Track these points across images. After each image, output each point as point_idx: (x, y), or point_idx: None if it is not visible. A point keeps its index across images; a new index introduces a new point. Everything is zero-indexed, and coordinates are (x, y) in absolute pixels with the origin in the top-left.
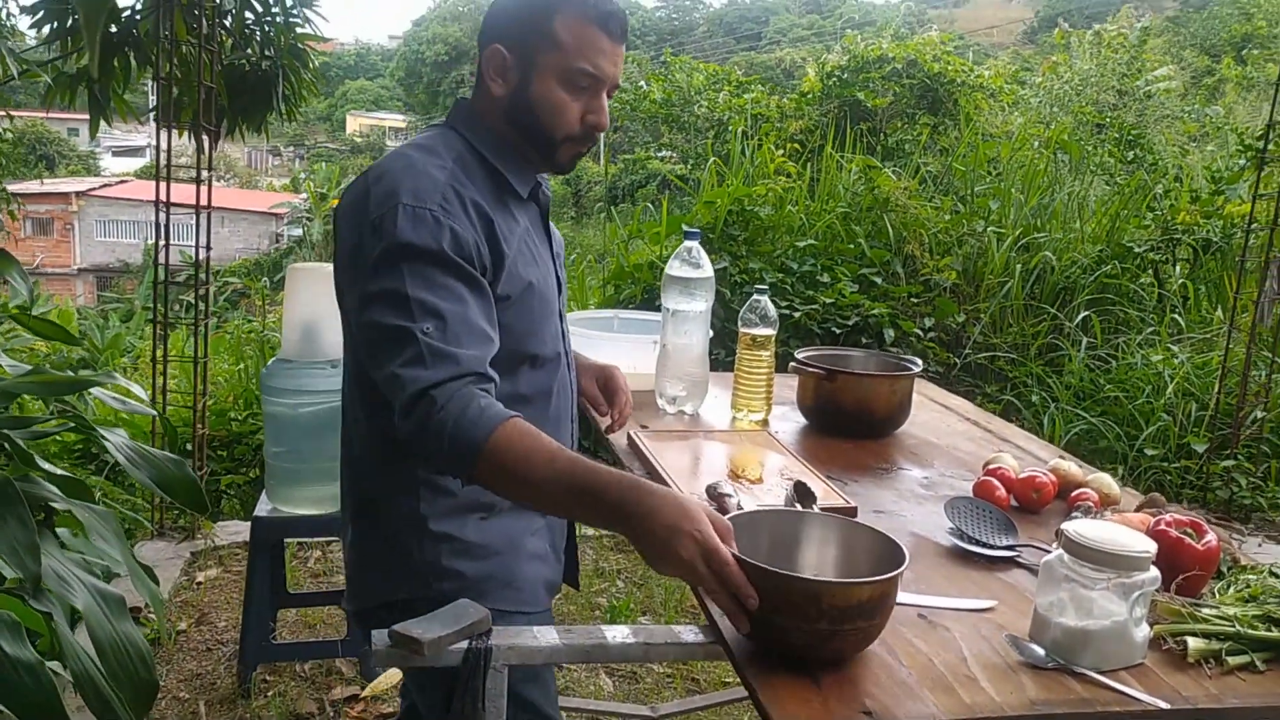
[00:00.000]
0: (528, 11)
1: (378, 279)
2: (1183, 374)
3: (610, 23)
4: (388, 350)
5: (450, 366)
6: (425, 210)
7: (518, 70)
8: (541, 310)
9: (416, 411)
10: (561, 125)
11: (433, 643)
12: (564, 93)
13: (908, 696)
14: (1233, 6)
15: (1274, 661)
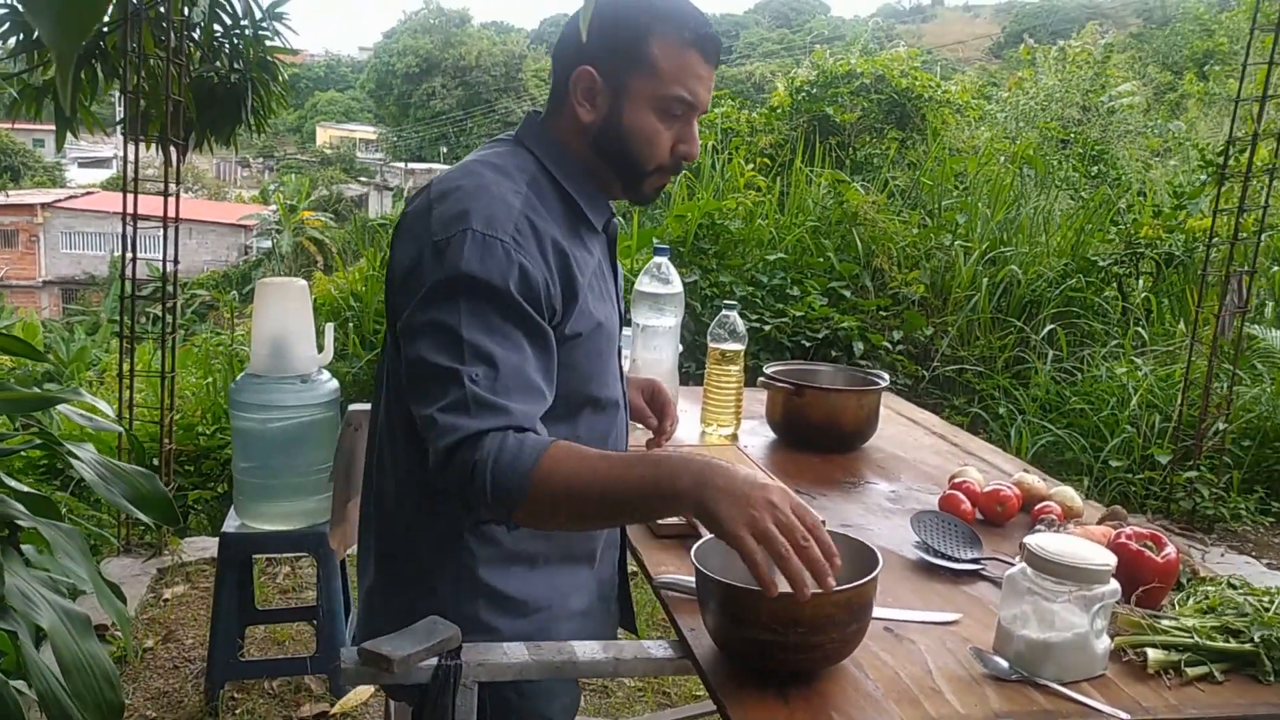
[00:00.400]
0: (622, 32)
1: (432, 309)
2: (1146, 386)
3: (707, 46)
4: (431, 391)
5: (497, 417)
6: (496, 240)
7: (609, 95)
8: (607, 350)
9: (455, 459)
10: (653, 155)
11: (402, 660)
12: (657, 121)
13: (874, 709)
14: (1194, 23)
15: (1232, 672)
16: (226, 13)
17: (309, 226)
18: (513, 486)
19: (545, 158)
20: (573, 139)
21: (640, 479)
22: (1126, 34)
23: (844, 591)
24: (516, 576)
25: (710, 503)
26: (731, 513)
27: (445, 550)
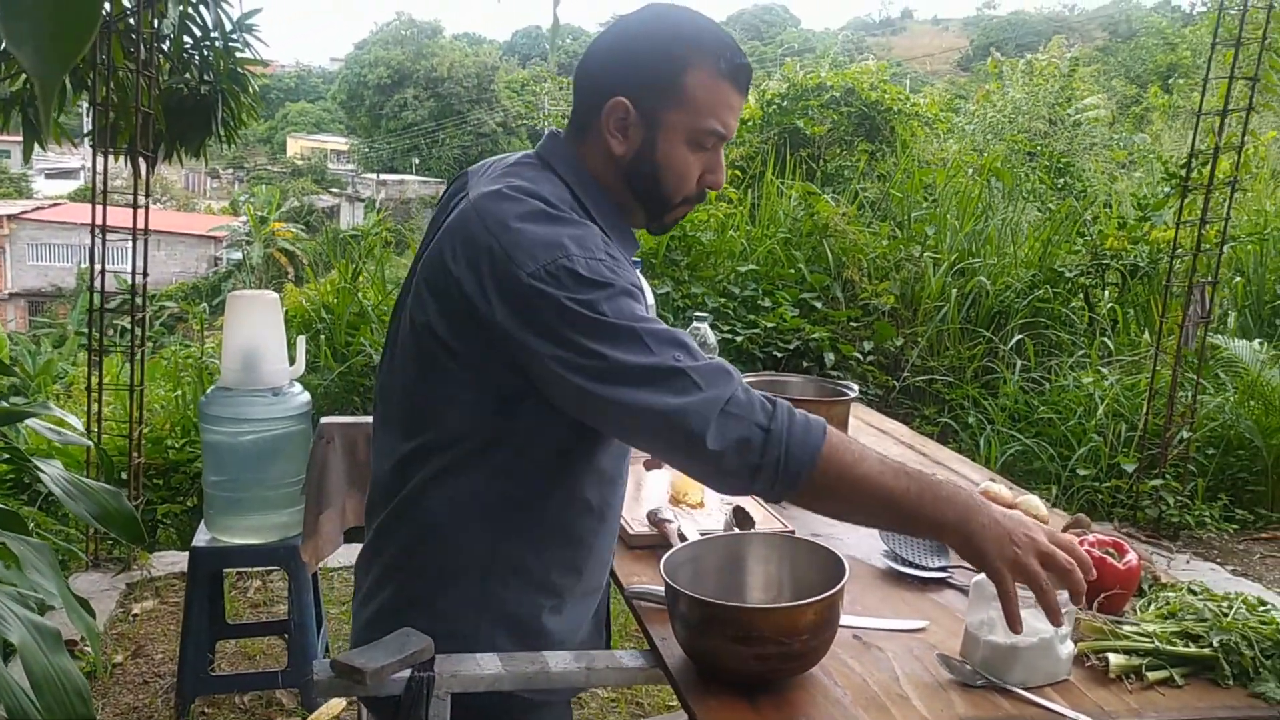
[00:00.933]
0: (658, 63)
1: (586, 328)
2: (1113, 396)
3: (740, 76)
4: (645, 390)
5: (728, 378)
6: (598, 261)
7: (642, 128)
8: None
9: (733, 422)
10: (682, 188)
11: (375, 672)
12: (689, 153)
13: (842, 716)
14: (1158, 37)
15: (1192, 676)
16: (196, 24)
17: (280, 238)
18: (804, 459)
19: (576, 186)
20: (603, 169)
21: (914, 495)
22: (1092, 48)
23: (811, 604)
24: (542, 608)
25: (976, 540)
26: (997, 550)
27: (473, 574)
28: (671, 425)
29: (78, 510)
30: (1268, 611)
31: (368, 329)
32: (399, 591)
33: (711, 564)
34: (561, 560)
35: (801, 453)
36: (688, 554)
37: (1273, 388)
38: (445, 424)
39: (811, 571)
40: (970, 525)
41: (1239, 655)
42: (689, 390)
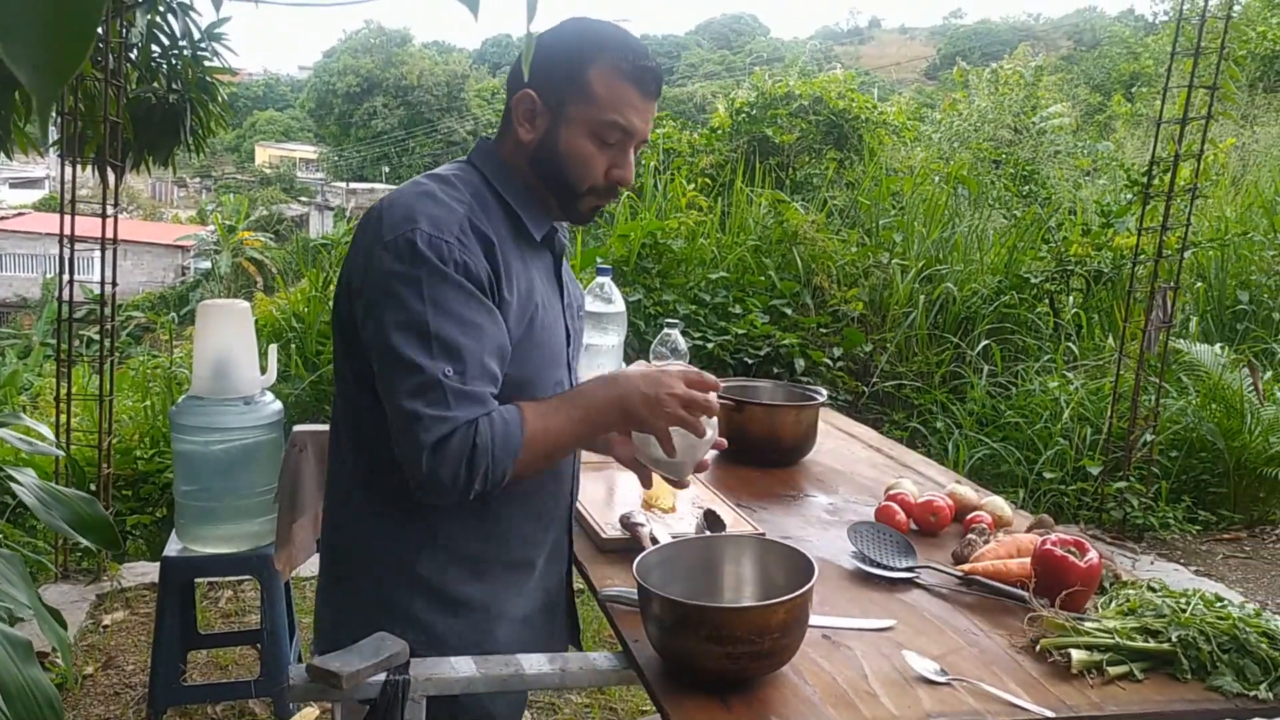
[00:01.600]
0: (563, 60)
1: (394, 300)
2: (1078, 400)
3: (645, 79)
4: (405, 383)
5: (477, 406)
6: (442, 240)
7: (547, 118)
8: (542, 360)
9: (450, 449)
10: (586, 177)
11: (351, 676)
12: (592, 145)
13: (812, 713)
14: (1121, 46)
15: (1152, 671)
16: (164, 33)
17: (248, 247)
18: (510, 457)
19: (490, 174)
20: (514, 157)
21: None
22: (1057, 56)
23: (781, 603)
24: (455, 577)
25: (638, 420)
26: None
27: (388, 547)
28: (409, 426)
29: (50, 520)
30: (1224, 608)
31: None
32: (329, 570)
33: (683, 566)
34: (467, 527)
35: (506, 458)
36: (660, 556)
37: (1234, 391)
38: (351, 398)
39: (781, 572)
40: (630, 412)
41: (1197, 650)
42: (438, 404)
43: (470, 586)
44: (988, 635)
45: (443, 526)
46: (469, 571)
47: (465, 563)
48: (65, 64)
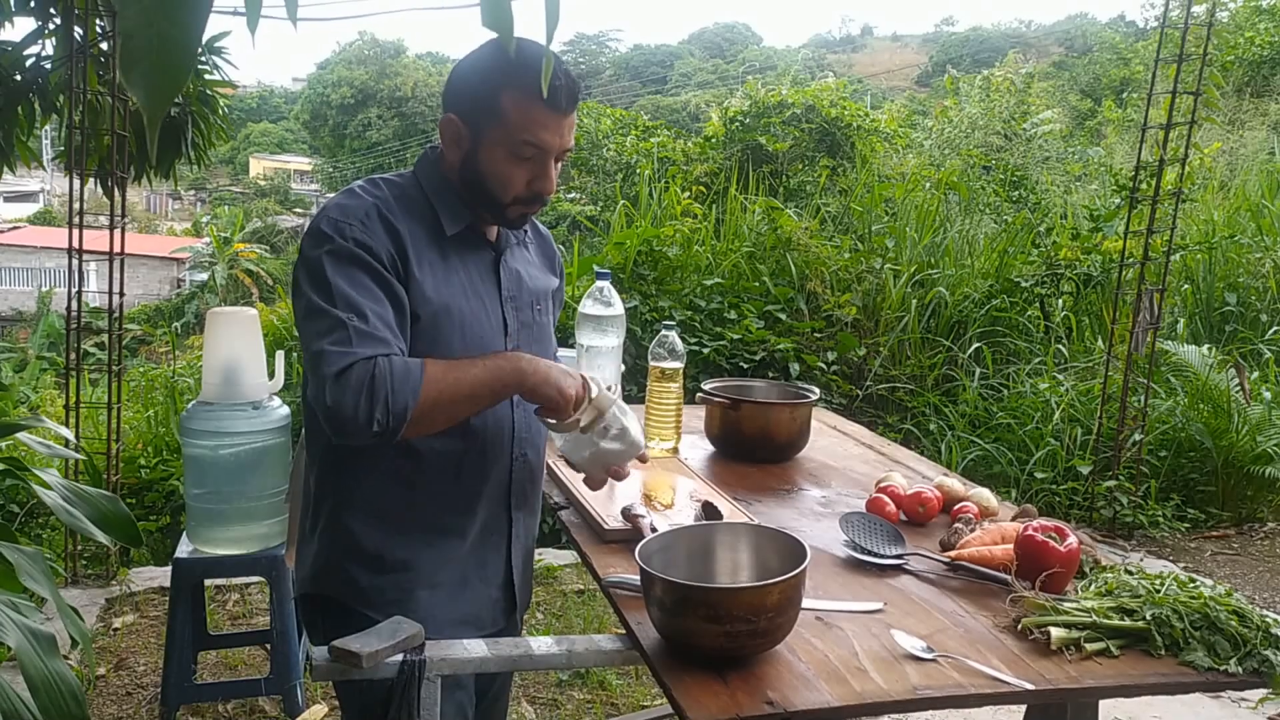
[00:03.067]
0: (478, 87)
1: (309, 269)
2: (1068, 401)
3: (555, 97)
4: (316, 329)
5: (379, 346)
6: (345, 223)
7: (469, 139)
8: (462, 341)
9: (351, 379)
10: (508, 190)
11: (370, 656)
12: (510, 162)
13: (805, 687)
14: (1111, 52)
15: (1127, 648)
16: None
17: (244, 259)
18: (409, 394)
19: (423, 178)
20: (447, 170)
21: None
22: (1048, 63)
23: (776, 584)
24: (378, 533)
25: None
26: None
27: (326, 503)
28: (316, 364)
29: (71, 520)
30: (1196, 587)
31: None
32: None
33: (682, 552)
34: (386, 488)
35: (403, 392)
36: (660, 543)
37: (1221, 391)
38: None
39: (775, 557)
40: (526, 382)
41: (1170, 627)
42: (341, 342)
43: (393, 545)
44: (973, 616)
45: (364, 484)
46: (390, 530)
47: (387, 521)
48: (168, 90)
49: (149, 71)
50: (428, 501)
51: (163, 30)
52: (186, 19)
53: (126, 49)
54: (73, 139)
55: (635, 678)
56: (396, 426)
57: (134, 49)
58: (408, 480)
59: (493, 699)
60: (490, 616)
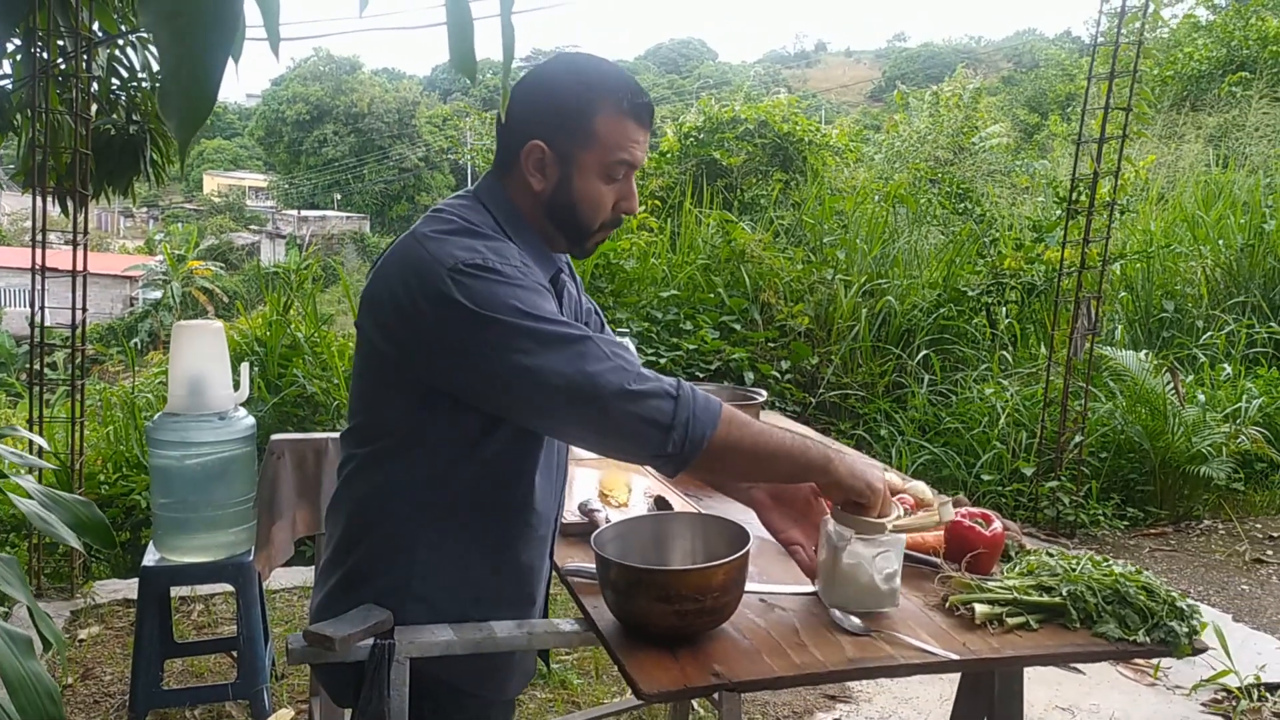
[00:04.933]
0: (568, 110)
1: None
2: (1013, 406)
3: (643, 114)
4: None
5: (632, 355)
6: (512, 265)
7: (559, 166)
8: None
9: (648, 388)
10: (598, 215)
11: (343, 640)
12: (602, 185)
13: (749, 661)
14: (1057, 68)
15: (1045, 622)
16: (124, 66)
17: (198, 276)
18: (708, 423)
19: (499, 215)
20: (525, 202)
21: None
22: (998, 78)
23: (721, 565)
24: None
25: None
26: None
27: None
28: (586, 386)
29: (46, 526)
30: (1108, 566)
31: (300, 360)
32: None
33: (635, 541)
34: (479, 561)
35: (706, 416)
36: (614, 532)
37: (1157, 395)
38: (374, 419)
39: (721, 543)
40: (850, 465)
41: (1084, 603)
42: (601, 358)
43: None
44: (906, 596)
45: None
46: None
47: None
48: (195, 119)
49: (181, 106)
50: (506, 562)
51: (190, 72)
52: (208, 65)
53: (164, 90)
54: (34, 157)
55: (595, 677)
56: (691, 453)
57: (168, 90)
58: (504, 546)
59: None
60: (531, 671)
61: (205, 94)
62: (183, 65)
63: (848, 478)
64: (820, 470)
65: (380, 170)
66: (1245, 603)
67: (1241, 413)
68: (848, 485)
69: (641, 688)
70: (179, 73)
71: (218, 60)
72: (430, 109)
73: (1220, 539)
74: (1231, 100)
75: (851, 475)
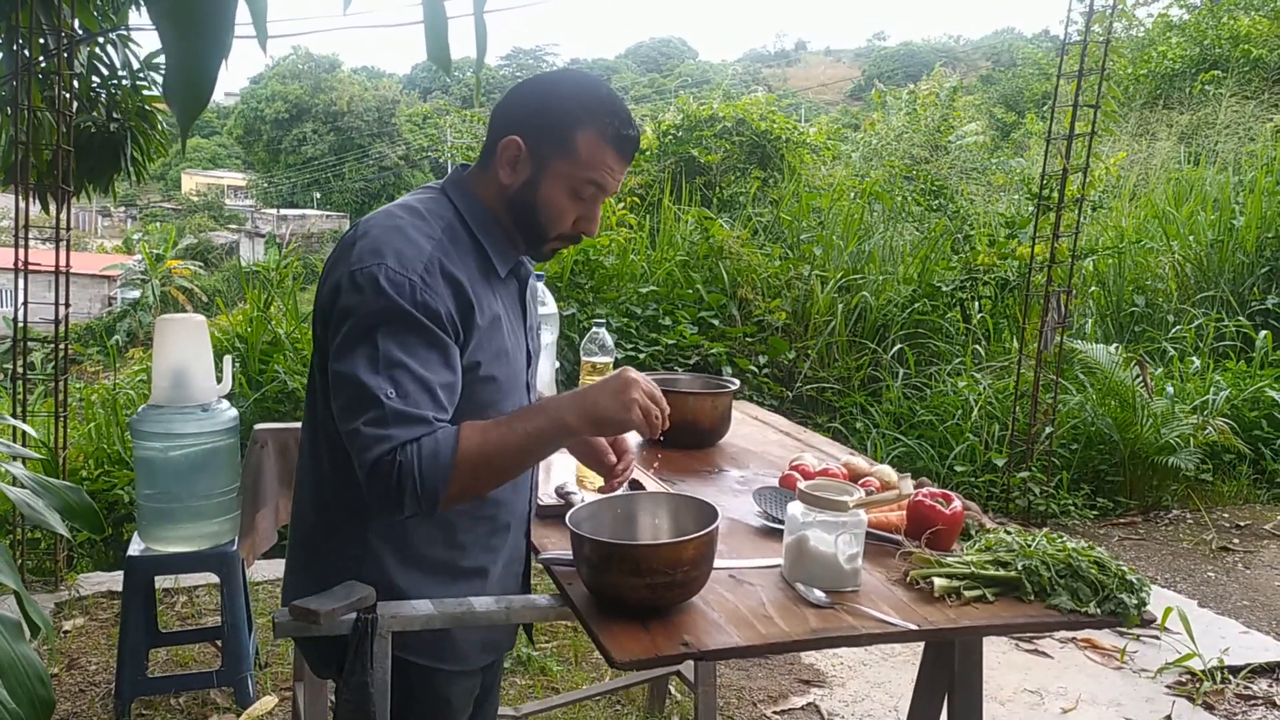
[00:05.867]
0: (553, 115)
1: (355, 335)
2: (986, 399)
3: (625, 146)
4: (354, 407)
5: (415, 427)
6: (405, 278)
7: (530, 166)
8: (508, 383)
9: (381, 467)
10: (556, 225)
11: (327, 614)
12: (567, 199)
13: (717, 631)
14: (1034, 67)
15: (1001, 595)
16: (104, 64)
17: (177, 275)
18: (438, 479)
19: (462, 207)
20: (489, 194)
21: (539, 430)
22: (976, 76)
23: (691, 540)
24: (416, 580)
25: (603, 423)
26: (619, 418)
27: (353, 553)
28: (351, 441)
29: (34, 514)
30: (1062, 542)
31: (281, 356)
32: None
33: (608, 519)
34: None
35: (434, 475)
36: (588, 511)
37: (1127, 387)
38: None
39: (691, 520)
40: (589, 417)
41: (1038, 576)
42: (375, 423)
43: (426, 590)
44: (869, 572)
45: (411, 535)
46: (424, 576)
47: (421, 567)
48: (196, 105)
49: (182, 93)
50: (468, 545)
51: (190, 65)
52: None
53: (167, 83)
54: (16, 155)
55: (575, 664)
56: (430, 508)
57: (172, 83)
58: (454, 527)
59: (485, 690)
60: (508, 639)
61: (204, 85)
62: (185, 60)
63: (596, 428)
64: (568, 436)
65: (360, 169)
66: (1211, 589)
67: (1209, 405)
68: (605, 431)
69: (614, 656)
70: (183, 66)
71: (214, 55)
72: (410, 107)
73: (1188, 528)
74: (1204, 98)
75: (597, 425)
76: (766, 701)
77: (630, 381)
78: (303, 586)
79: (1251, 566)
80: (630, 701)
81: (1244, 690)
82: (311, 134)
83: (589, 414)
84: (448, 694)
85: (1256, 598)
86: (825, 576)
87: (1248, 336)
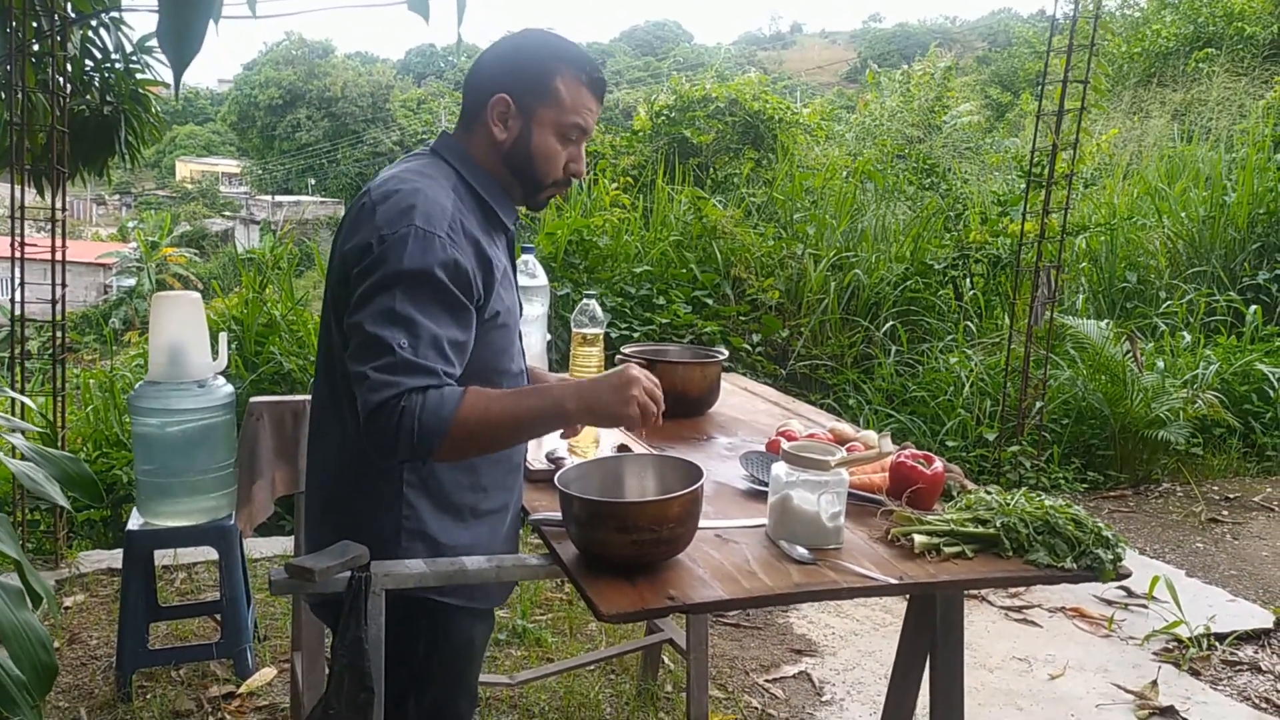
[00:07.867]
0: (531, 68)
1: (379, 290)
2: (977, 375)
3: (597, 87)
4: (366, 354)
5: (423, 376)
6: (434, 236)
7: (520, 119)
8: (513, 329)
9: (385, 410)
10: (550, 172)
11: (322, 571)
12: (557, 143)
13: (702, 586)
14: (1028, 47)
15: (980, 551)
16: (97, 47)
17: (172, 263)
18: (435, 430)
19: (463, 168)
20: (484, 153)
21: (539, 409)
22: (973, 57)
23: (676, 497)
24: (446, 525)
25: (602, 414)
26: (618, 412)
27: (386, 503)
28: (358, 384)
29: (36, 485)
30: (1040, 500)
31: (277, 338)
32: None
33: (595, 480)
34: (458, 481)
35: (432, 426)
36: (577, 473)
37: (1117, 362)
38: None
39: (676, 479)
40: (592, 405)
41: (1016, 533)
42: (385, 370)
43: (458, 534)
44: (852, 530)
45: (442, 481)
46: (456, 521)
47: (453, 512)
48: (188, 53)
49: (177, 41)
50: (489, 486)
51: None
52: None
53: (160, 29)
54: (11, 137)
55: (570, 635)
56: (423, 456)
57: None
58: (478, 471)
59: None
60: (513, 585)
61: (194, 34)
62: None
63: (593, 418)
64: (564, 422)
65: (354, 154)
66: (1199, 559)
67: (1199, 379)
68: (601, 423)
69: (602, 609)
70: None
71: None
72: (404, 92)
73: (1178, 501)
74: (1197, 76)
75: (594, 415)
76: (759, 670)
77: (633, 379)
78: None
79: (1240, 537)
80: (624, 670)
81: (1229, 656)
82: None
83: (589, 404)
84: (472, 635)
85: (1244, 567)
86: (808, 534)
87: (1238, 311)
